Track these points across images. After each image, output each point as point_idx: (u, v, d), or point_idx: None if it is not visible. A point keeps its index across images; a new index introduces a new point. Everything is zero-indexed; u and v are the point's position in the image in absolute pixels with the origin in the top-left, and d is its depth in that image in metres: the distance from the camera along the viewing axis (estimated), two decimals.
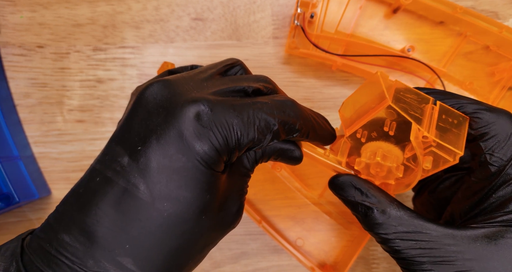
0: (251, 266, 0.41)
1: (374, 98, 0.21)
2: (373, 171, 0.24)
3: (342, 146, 0.24)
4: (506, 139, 0.21)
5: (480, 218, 0.21)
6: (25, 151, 0.39)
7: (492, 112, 0.22)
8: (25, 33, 0.40)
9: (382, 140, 0.22)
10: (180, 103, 0.18)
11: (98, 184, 0.18)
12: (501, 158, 0.21)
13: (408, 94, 0.22)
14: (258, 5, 0.41)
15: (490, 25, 0.37)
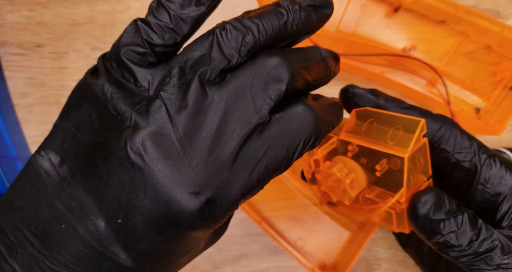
0: (251, 267, 0.40)
1: (396, 136, 0.21)
2: (330, 183, 0.23)
3: (327, 144, 0.23)
4: (461, 136, 0.23)
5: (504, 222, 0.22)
6: (23, 151, 0.39)
7: (432, 117, 0.23)
8: (24, 32, 0.40)
9: (364, 168, 0.22)
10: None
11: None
12: (468, 152, 0.23)
13: (420, 154, 0.21)
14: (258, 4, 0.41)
15: (492, 24, 0.36)
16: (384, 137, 0.20)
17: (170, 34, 0.17)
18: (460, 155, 0.23)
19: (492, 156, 0.23)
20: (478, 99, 0.40)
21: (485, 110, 0.39)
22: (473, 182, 0.23)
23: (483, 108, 0.40)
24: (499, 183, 0.22)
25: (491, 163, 0.22)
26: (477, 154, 0.23)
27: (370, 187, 0.22)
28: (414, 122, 0.19)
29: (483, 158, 0.23)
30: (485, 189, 0.22)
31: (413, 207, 0.20)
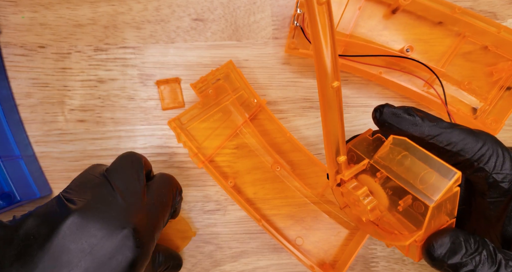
0: (251, 264, 0.41)
1: (428, 180, 0.20)
2: (352, 200, 0.23)
3: (358, 166, 0.23)
4: (503, 156, 0.21)
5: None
6: (26, 151, 0.40)
7: (473, 136, 0.22)
8: (27, 33, 0.40)
9: (388, 196, 0.22)
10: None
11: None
12: (508, 173, 0.21)
13: (448, 201, 0.20)
14: (258, 5, 0.41)
15: (489, 25, 0.37)
16: (415, 178, 0.20)
17: None
18: (499, 175, 0.21)
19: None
20: (475, 99, 0.40)
21: (482, 110, 0.40)
22: (510, 204, 0.21)
23: (480, 108, 0.40)
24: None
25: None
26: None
27: (391, 212, 0.22)
28: (450, 171, 0.19)
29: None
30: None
31: (429, 248, 0.20)
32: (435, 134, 0.21)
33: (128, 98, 0.41)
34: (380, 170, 0.21)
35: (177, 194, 0.32)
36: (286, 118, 0.42)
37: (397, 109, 0.22)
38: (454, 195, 0.20)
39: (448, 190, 0.19)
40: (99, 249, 0.22)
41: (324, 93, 0.21)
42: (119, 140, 0.41)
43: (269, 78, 0.42)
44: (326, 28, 0.19)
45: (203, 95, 0.38)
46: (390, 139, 0.21)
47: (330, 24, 0.19)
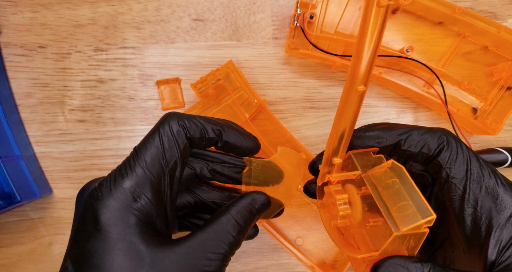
0: (251, 264, 0.41)
1: (405, 211, 0.20)
2: (329, 201, 0.24)
3: (349, 173, 0.23)
4: (456, 151, 0.22)
5: (491, 247, 0.21)
6: (26, 151, 0.40)
7: (430, 133, 0.23)
8: (27, 33, 0.40)
9: (363, 212, 0.22)
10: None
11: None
12: (459, 170, 0.22)
13: (414, 238, 0.21)
14: (258, 6, 0.41)
15: (489, 25, 0.37)
16: (394, 204, 0.20)
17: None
18: (451, 170, 0.22)
19: (490, 178, 0.21)
20: (475, 99, 0.40)
21: (482, 110, 0.40)
22: (464, 203, 0.21)
23: (480, 108, 0.40)
24: (491, 207, 0.21)
25: (484, 184, 0.21)
26: (469, 172, 0.21)
27: (358, 228, 0.23)
28: (427, 211, 0.19)
29: (474, 177, 0.21)
30: (476, 212, 0.21)
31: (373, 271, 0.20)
32: (396, 141, 0.23)
33: (128, 98, 0.41)
34: (367, 185, 0.22)
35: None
36: (286, 118, 0.42)
37: (358, 131, 0.24)
38: (421, 235, 0.20)
39: (417, 227, 0.19)
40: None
41: (348, 93, 0.21)
42: (119, 140, 0.41)
43: (269, 78, 0.42)
44: (375, 32, 0.19)
45: (203, 95, 0.38)
46: (389, 163, 0.22)
47: (381, 28, 0.19)
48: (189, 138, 0.23)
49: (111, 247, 0.19)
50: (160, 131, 0.22)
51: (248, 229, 0.24)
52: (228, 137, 0.24)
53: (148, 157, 0.21)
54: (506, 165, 0.40)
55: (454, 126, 0.38)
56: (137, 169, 0.21)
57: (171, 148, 0.22)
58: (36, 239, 0.40)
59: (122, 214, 0.19)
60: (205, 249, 0.21)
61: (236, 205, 0.23)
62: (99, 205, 0.20)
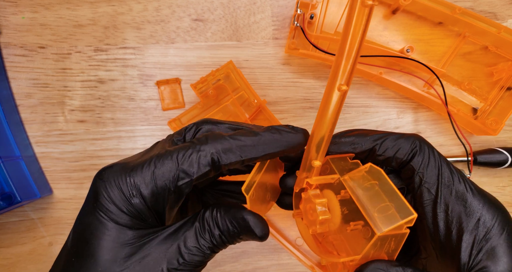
0: (251, 265, 0.41)
1: (386, 211, 0.21)
2: (308, 208, 0.24)
3: (327, 177, 0.24)
4: (428, 156, 0.23)
5: (463, 250, 0.21)
6: (26, 151, 0.40)
7: (404, 139, 0.23)
8: (27, 33, 0.40)
9: (342, 216, 0.22)
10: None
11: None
12: (431, 176, 0.22)
13: (394, 239, 0.21)
14: (258, 6, 0.41)
15: (489, 25, 0.37)
16: (375, 206, 0.20)
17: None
18: (423, 174, 0.22)
19: (459, 183, 0.22)
20: (475, 100, 0.40)
21: (482, 110, 0.40)
22: (436, 208, 0.22)
23: (480, 108, 0.40)
24: (461, 211, 0.21)
25: (454, 188, 0.22)
26: (440, 176, 0.22)
27: (337, 234, 0.23)
28: (407, 211, 0.19)
29: (445, 182, 0.22)
30: (447, 216, 0.22)
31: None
32: (371, 146, 0.23)
33: (128, 98, 0.41)
34: (346, 188, 0.22)
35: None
36: (286, 119, 0.42)
37: (334, 137, 0.24)
38: (401, 236, 0.20)
39: (398, 227, 0.19)
40: None
41: (329, 93, 0.21)
42: (119, 141, 0.41)
43: (269, 79, 0.42)
44: (359, 32, 0.19)
45: (203, 95, 0.38)
46: (367, 166, 0.22)
47: (364, 28, 0.19)
48: (219, 166, 0.21)
49: (101, 226, 0.20)
50: (189, 152, 0.21)
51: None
52: (271, 150, 0.22)
53: (162, 168, 0.21)
54: (506, 166, 0.40)
55: (454, 126, 0.38)
56: (147, 172, 0.21)
57: (188, 171, 0.21)
58: (36, 240, 0.40)
59: (117, 200, 0.20)
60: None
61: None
62: (100, 186, 0.21)
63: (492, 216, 0.21)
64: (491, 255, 0.20)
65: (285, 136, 0.22)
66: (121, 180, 0.20)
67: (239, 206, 0.22)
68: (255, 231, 0.21)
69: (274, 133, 0.22)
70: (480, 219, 0.21)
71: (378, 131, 0.25)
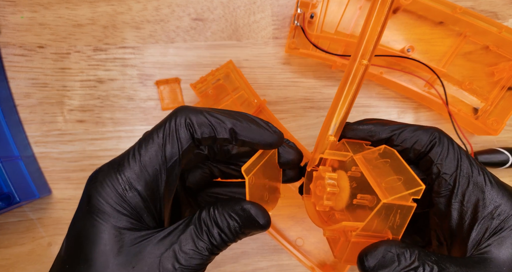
0: (251, 265, 0.41)
1: (394, 183, 0.21)
2: (317, 184, 0.24)
3: (341, 153, 0.24)
4: (447, 148, 0.23)
5: (471, 239, 0.21)
6: (25, 151, 0.39)
7: (422, 130, 0.24)
8: (26, 33, 0.40)
9: (350, 191, 0.22)
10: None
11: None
12: (450, 166, 0.22)
13: (400, 212, 0.21)
14: (258, 5, 0.41)
15: (490, 25, 0.37)
16: (383, 178, 0.21)
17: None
18: (442, 166, 0.22)
19: (479, 175, 0.22)
20: (476, 100, 0.40)
21: (483, 110, 0.40)
22: (452, 198, 0.22)
23: (481, 108, 0.40)
24: (477, 202, 0.21)
25: (473, 180, 0.22)
26: (459, 168, 0.22)
27: (343, 211, 0.23)
28: (415, 183, 0.19)
29: (464, 173, 0.22)
30: (462, 207, 0.22)
31: (361, 257, 0.20)
32: (389, 135, 0.24)
33: (128, 98, 0.41)
34: (358, 164, 0.22)
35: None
36: (287, 118, 0.42)
37: (352, 124, 0.25)
38: (408, 209, 0.20)
39: (404, 198, 0.19)
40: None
41: (351, 67, 0.22)
42: (118, 141, 0.41)
43: (269, 78, 0.41)
44: (384, 13, 0.20)
45: (203, 95, 0.38)
46: (381, 148, 0.22)
47: (388, 10, 0.20)
48: (196, 139, 0.22)
49: (96, 229, 0.20)
50: (165, 128, 0.21)
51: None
52: (244, 135, 0.22)
53: (147, 154, 0.21)
54: (507, 166, 0.40)
55: (455, 126, 0.38)
56: (134, 163, 0.21)
57: (173, 147, 0.21)
58: (35, 240, 0.40)
59: (110, 200, 0.20)
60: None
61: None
62: (92, 188, 0.20)
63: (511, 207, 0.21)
64: (499, 243, 0.20)
65: (262, 130, 0.22)
66: (112, 178, 0.20)
67: (236, 198, 0.22)
68: (257, 219, 0.21)
69: (251, 123, 0.22)
70: (497, 210, 0.21)
71: (397, 122, 0.24)
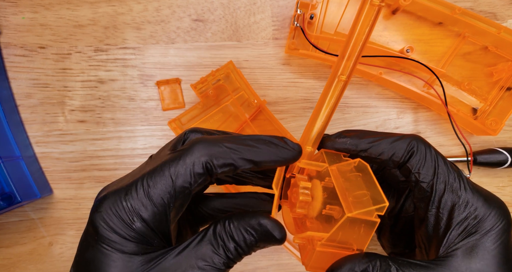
0: (251, 265, 0.41)
1: (361, 198, 0.21)
2: (293, 191, 0.25)
3: (317, 163, 0.24)
4: (425, 156, 0.23)
5: (443, 239, 0.22)
6: (27, 151, 0.40)
7: (399, 141, 0.24)
8: (27, 34, 0.40)
9: (322, 201, 0.23)
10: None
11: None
12: (427, 174, 0.23)
13: (364, 226, 0.21)
14: (258, 6, 0.41)
15: (489, 26, 0.37)
16: (352, 192, 0.21)
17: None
18: (419, 175, 0.23)
19: (455, 181, 0.22)
20: (475, 100, 0.40)
21: (482, 110, 0.40)
22: (428, 204, 0.23)
23: (480, 108, 0.40)
24: (453, 208, 0.22)
25: (449, 186, 0.22)
26: (436, 176, 0.23)
27: (314, 219, 0.23)
28: (380, 199, 0.20)
29: (440, 180, 0.23)
30: (438, 213, 0.22)
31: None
32: (366, 148, 0.24)
33: (129, 98, 0.41)
34: (331, 176, 0.23)
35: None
36: (286, 119, 0.42)
37: (331, 136, 0.26)
38: (371, 224, 0.21)
39: (368, 213, 0.20)
40: None
41: (331, 81, 0.23)
42: (119, 141, 0.41)
43: (269, 79, 0.42)
44: (366, 28, 0.20)
45: (203, 95, 0.38)
46: (356, 161, 0.23)
47: (371, 25, 0.20)
48: (214, 173, 0.21)
49: (107, 258, 0.19)
50: (180, 163, 0.20)
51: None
52: (265, 160, 0.21)
53: (157, 187, 0.20)
54: (506, 166, 0.40)
55: (454, 127, 0.38)
56: (142, 194, 0.20)
57: (185, 182, 0.20)
58: (36, 240, 0.40)
59: (118, 229, 0.19)
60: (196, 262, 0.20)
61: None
62: (98, 218, 0.20)
63: (487, 210, 0.22)
64: (466, 246, 0.21)
65: (281, 150, 0.22)
66: (118, 207, 0.20)
67: (252, 213, 0.22)
68: (274, 234, 0.21)
69: (269, 146, 0.22)
70: (472, 214, 0.22)
71: (377, 133, 0.25)
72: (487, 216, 0.22)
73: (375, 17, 0.20)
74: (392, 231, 0.29)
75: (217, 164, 0.20)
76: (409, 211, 0.28)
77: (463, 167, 0.42)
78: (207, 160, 0.20)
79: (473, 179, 0.42)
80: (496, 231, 0.21)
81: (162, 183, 0.20)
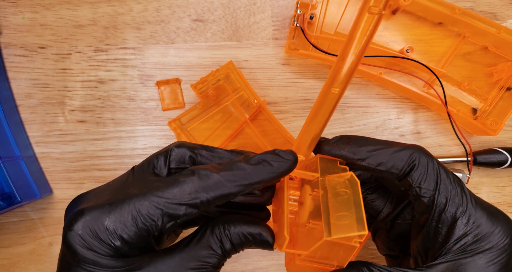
0: (251, 265, 0.41)
1: (344, 220, 0.21)
2: (278, 196, 0.25)
3: (308, 173, 0.24)
4: (426, 170, 0.22)
5: (439, 253, 0.22)
6: (26, 151, 0.40)
7: (400, 151, 0.23)
8: (27, 34, 0.40)
9: (308, 212, 0.23)
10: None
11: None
12: (428, 189, 0.22)
13: (344, 249, 0.21)
14: (258, 6, 0.41)
15: (489, 26, 0.37)
16: (336, 212, 0.21)
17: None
18: (421, 189, 0.22)
19: (457, 195, 0.22)
20: (475, 100, 0.40)
21: (482, 110, 0.40)
22: (428, 218, 0.22)
23: (480, 108, 0.40)
24: (452, 223, 0.21)
25: (451, 202, 0.22)
26: (437, 191, 0.22)
27: (300, 228, 0.23)
28: (361, 226, 0.20)
29: (442, 196, 0.22)
30: (437, 228, 0.22)
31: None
32: (364, 157, 0.23)
33: (129, 98, 0.41)
34: (319, 188, 0.22)
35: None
36: (286, 119, 0.42)
37: (329, 141, 0.25)
38: (350, 248, 0.21)
39: (347, 238, 0.20)
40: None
41: (324, 94, 0.22)
42: (119, 141, 0.41)
43: (269, 79, 0.42)
44: (363, 38, 0.19)
45: (203, 95, 0.38)
46: (348, 174, 0.23)
47: (370, 35, 0.19)
48: (207, 206, 0.20)
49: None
50: (177, 192, 0.20)
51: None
52: (263, 180, 0.21)
53: (144, 215, 0.19)
54: (506, 166, 0.40)
55: (454, 127, 0.38)
56: (128, 219, 0.19)
57: (173, 214, 0.20)
58: (36, 240, 0.40)
59: (98, 248, 0.19)
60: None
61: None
62: (75, 238, 0.20)
63: (491, 227, 0.21)
64: (463, 263, 0.21)
65: (278, 164, 0.22)
66: (98, 227, 0.19)
67: (252, 220, 0.22)
68: (269, 241, 0.22)
69: (264, 165, 0.21)
70: (473, 231, 0.21)
71: (379, 141, 0.24)
72: (491, 233, 0.21)
73: (373, 27, 0.18)
74: (388, 235, 0.29)
75: (213, 196, 0.20)
76: (407, 218, 0.27)
77: (463, 167, 0.42)
78: (199, 196, 0.20)
79: (473, 179, 0.42)
80: (496, 250, 0.21)
81: (151, 210, 0.19)
